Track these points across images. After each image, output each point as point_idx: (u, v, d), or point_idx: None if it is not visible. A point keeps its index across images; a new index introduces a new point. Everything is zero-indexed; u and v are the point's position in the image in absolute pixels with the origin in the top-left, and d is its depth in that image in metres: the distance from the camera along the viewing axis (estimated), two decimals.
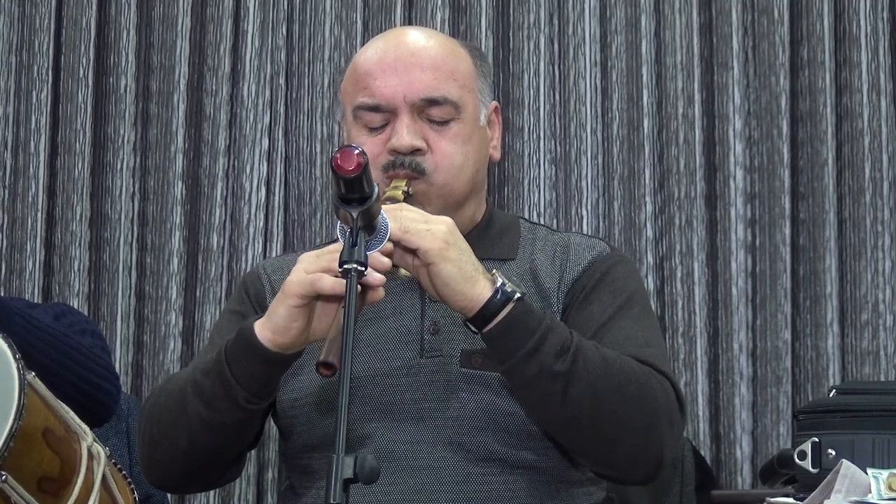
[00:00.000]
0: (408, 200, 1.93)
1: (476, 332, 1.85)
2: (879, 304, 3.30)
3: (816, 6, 3.40)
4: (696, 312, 3.35)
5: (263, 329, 1.83)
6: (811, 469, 2.16)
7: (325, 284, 1.75)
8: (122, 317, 3.53)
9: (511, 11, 3.51)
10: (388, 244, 1.74)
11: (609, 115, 3.45)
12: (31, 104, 3.60)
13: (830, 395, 2.40)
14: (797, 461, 2.18)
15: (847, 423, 2.21)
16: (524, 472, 1.96)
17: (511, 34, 3.51)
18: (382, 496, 1.88)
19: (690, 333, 3.35)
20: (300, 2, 3.58)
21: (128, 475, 2.06)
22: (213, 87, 3.57)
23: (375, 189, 1.67)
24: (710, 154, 3.41)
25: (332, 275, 1.74)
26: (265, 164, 3.52)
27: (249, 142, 3.53)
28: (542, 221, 3.34)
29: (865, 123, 3.35)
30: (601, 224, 3.42)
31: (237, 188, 3.53)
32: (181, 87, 3.57)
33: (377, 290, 1.74)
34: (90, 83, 3.60)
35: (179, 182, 3.55)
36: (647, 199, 3.40)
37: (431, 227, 1.80)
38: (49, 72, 3.61)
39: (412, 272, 1.83)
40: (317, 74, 3.55)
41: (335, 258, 1.69)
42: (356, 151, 1.61)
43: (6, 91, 3.61)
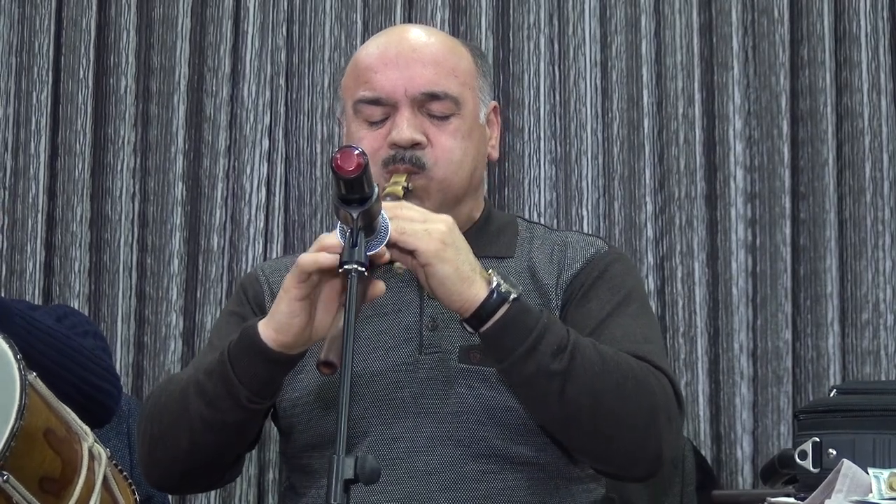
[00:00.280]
0: (407, 196, 1.93)
1: (473, 332, 1.85)
2: (880, 304, 3.30)
3: (816, 6, 3.40)
4: (697, 312, 3.35)
5: (266, 328, 1.83)
6: (812, 469, 2.17)
7: (315, 258, 1.75)
8: (123, 318, 3.53)
9: (511, 12, 3.51)
10: (383, 247, 1.73)
11: (609, 116, 3.45)
12: (32, 105, 3.60)
13: (831, 395, 2.40)
14: (798, 461, 2.18)
15: (848, 423, 2.21)
16: (523, 469, 1.96)
17: (511, 34, 3.51)
18: (381, 493, 1.87)
19: (691, 333, 3.34)
20: (300, 2, 3.57)
21: (128, 476, 2.07)
22: (214, 88, 3.57)
23: (375, 189, 1.67)
24: (711, 154, 3.41)
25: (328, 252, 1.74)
26: (265, 165, 3.52)
27: (250, 142, 3.52)
28: (543, 221, 3.34)
29: (866, 123, 3.34)
30: (601, 224, 3.42)
31: (237, 189, 3.53)
32: (181, 88, 3.57)
33: (378, 285, 1.74)
34: (90, 84, 3.60)
35: (180, 183, 3.54)
36: (648, 200, 3.40)
37: (429, 228, 1.80)
38: (49, 73, 3.61)
39: (411, 271, 1.83)
40: (317, 75, 3.55)
41: (327, 237, 1.72)
42: (356, 152, 1.61)
43: (6, 92, 3.61)
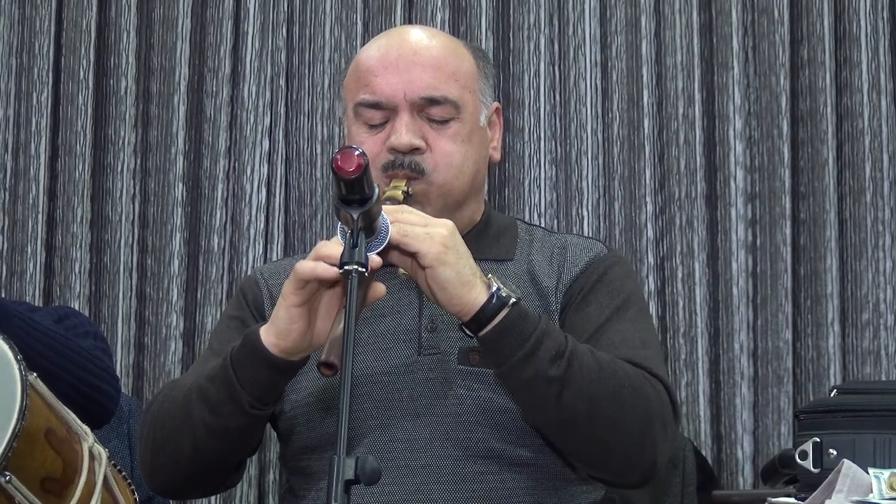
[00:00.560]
0: (407, 201, 1.93)
1: (471, 337, 1.85)
2: (880, 304, 3.30)
3: (816, 6, 3.40)
4: (697, 313, 3.35)
5: (268, 334, 1.83)
6: (812, 469, 2.16)
7: (313, 268, 1.75)
8: (123, 319, 3.53)
9: (511, 12, 3.51)
10: (375, 255, 1.73)
11: (609, 116, 3.44)
12: (32, 106, 3.60)
13: (831, 395, 2.40)
14: (798, 461, 2.18)
15: (848, 423, 2.21)
16: (522, 470, 1.96)
17: (511, 35, 3.51)
18: (380, 495, 1.87)
19: (691, 334, 3.34)
20: (300, 3, 3.57)
21: (129, 477, 2.06)
22: (214, 89, 3.57)
23: (376, 190, 1.67)
24: (711, 154, 3.41)
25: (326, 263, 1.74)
26: (266, 166, 3.52)
27: (250, 143, 3.52)
28: (543, 222, 3.34)
29: (866, 123, 3.34)
30: (602, 225, 3.41)
31: (238, 190, 3.53)
32: (181, 89, 3.57)
33: (378, 288, 1.74)
34: (90, 85, 3.59)
35: (180, 184, 3.54)
36: (648, 200, 3.39)
37: (430, 231, 1.80)
38: (49, 74, 3.61)
39: (410, 274, 1.83)
40: (317, 76, 3.55)
41: (325, 246, 1.72)
42: (356, 152, 1.61)
43: (6, 93, 3.61)
